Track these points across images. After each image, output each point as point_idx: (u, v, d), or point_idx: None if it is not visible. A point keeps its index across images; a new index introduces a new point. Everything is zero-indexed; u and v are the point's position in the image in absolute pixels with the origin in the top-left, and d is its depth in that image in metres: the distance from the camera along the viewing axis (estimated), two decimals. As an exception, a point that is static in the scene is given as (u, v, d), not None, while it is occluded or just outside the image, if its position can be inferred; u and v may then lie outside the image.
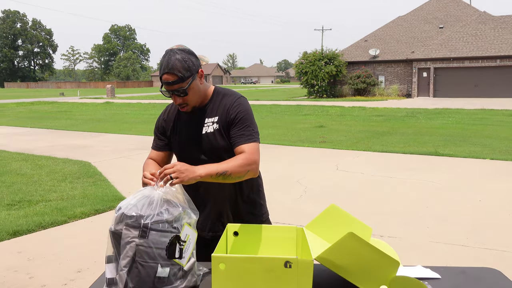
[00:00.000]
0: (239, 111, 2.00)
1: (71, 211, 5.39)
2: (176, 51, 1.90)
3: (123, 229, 1.60)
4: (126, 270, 1.58)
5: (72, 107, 26.37)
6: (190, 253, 1.70)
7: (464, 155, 8.94)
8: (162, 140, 2.14)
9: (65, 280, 3.61)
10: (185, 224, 1.69)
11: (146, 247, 1.59)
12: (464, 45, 31.62)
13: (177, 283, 1.65)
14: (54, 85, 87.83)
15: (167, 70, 1.87)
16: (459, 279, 1.81)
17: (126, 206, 1.65)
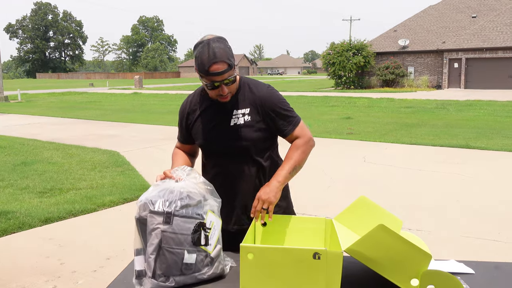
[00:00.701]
0: (275, 103, 1.99)
1: (100, 199, 5.49)
2: (214, 40, 1.83)
3: (148, 216, 1.61)
4: (153, 257, 1.59)
5: (101, 98, 26.83)
6: (216, 240, 1.70)
7: (496, 148, 8.70)
8: (187, 132, 2.11)
9: (95, 267, 3.69)
10: (208, 211, 1.69)
11: (171, 233, 1.60)
12: (498, 34, 30.66)
13: (204, 269, 1.66)
14: (84, 76, 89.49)
15: (215, 60, 1.79)
16: (493, 274, 1.76)
17: (148, 195, 1.66)
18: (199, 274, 1.65)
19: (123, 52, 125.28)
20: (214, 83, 1.84)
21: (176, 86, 44.67)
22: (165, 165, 7.55)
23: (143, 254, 1.65)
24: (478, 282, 1.69)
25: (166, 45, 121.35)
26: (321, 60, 36.05)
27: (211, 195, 1.75)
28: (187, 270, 1.63)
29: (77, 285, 3.39)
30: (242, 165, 2.00)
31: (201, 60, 1.81)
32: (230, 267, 1.78)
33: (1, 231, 4.44)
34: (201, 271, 1.65)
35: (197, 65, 1.85)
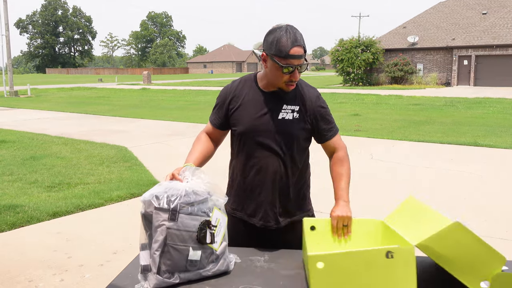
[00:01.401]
0: (324, 107, 2.04)
1: (107, 194, 5.53)
2: (292, 26, 1.88)
3: (153, 213, 1.62)
4: (158, 254, 1.60)
5: (110, 93, 26.95)
6: (222, 237, 1.71)
7: (505, 146, 8.63)
8: (226, 116, 2.07)
9: (102, 261, 3.72)
10: (214, 208, 1.70)
11: (176, 230, 1.60)
12: (508, 31, 30.34)
13: (209, 266, 1.67)
14: (93, 71, 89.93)
15: (297, 43, 1.83)
16: (497, 273, 1.75)
17: (153, 191, 1.67)
18: (204, 270, 1.66)
19: (132, 48, 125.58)
20: (291, 66, 1.85)
21: (185, 82, 44.74)
22: (173, 161, 7.59)
23: (148, 249, 1.66)
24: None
25: (174, 41, 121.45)
26: (329, 57, 35.93)
27: (217, 193, 1.75)
28: (191, 267, 1.64)
29: (84, 278, 3.42)
30: (279, 161, 1.99)
31: (281, 43, 1.83)
32: (234, 263, 1.79)
33: (10, 225, 4.49)
34: (206, 267, 1.67)
35: (273, 49, 1.85)
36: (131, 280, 1.70)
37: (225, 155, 2.39)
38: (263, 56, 1.91)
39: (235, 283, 1.65)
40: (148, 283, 1.61)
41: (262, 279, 1.68)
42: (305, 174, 2.13)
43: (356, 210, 5.05)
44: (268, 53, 1.87)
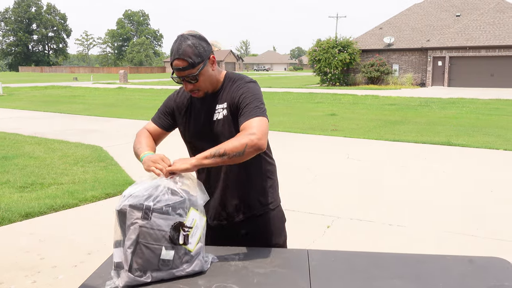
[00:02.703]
0: (244, 95, 1.90)
1: (82, 194, 5.45)
2: (187, 36, 1.87)
3: (127, 211, 1.62)
4: (130, 251, 1.60)
5: (85, 92, 26.54)
6: (198, 238, 1.70)
7: (477, 145, 8.84)
8: (167, 119, 2.13)
9: (75, 262, 3.66)
10: (191, 209, 1.68)
11: (149, 228, 1.60)
12: (481, 34, 31.06)
13: (183, 266, 1.66)
14: (68, 70, 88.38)
15: (177, 56, 1.85)
16: (467, 268, 1.79)
17: (132, 189, 1.67)
18: (177, 270, 1.65)
19: (108, 46, 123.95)
20: (179, 77, 1.91)
21: (162, 81, 44.38)
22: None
23: (121, 247, 1.65)
24: (451, 275, 1.72)
25: (151, 40, 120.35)
26: (307, 57, 36.15)
27: (198, 192, 1.74)
28: (164, 266, 1.63)
29: (57, 280, 3.36)
30: None
31: (171, 53, 1.89)
32: (211, 262, 1.78)
33: (-20, 226, 4.38)
34: (179, 267, 1.66)
35: None
36: (104, 280, 1.68)
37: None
38: None
39: (209, 281, 1.65)
40: (120, 280, 1.60)
41: (237, 278, 1.68)
42: (259, 168, 2.05)
43: (331, 209, 5.11)
44: None
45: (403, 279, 1.69)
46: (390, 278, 1.69)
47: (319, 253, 1.94)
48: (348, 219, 4.71)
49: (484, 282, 1.66)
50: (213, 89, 1.99)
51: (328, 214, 4.78)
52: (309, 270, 1.75)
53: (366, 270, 1.76)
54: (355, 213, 4.87)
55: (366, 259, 1.90)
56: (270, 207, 2.10)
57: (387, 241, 4.14)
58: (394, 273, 1.74)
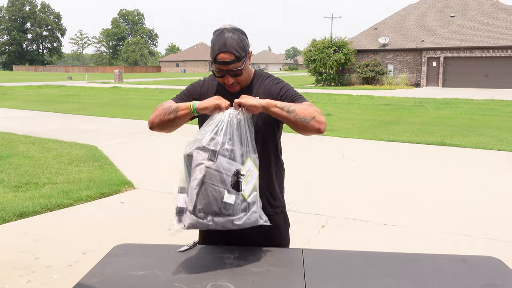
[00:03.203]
0: (283, 87, 1.98)
1: (77, 194, 5.44)
2: (230, 30, 1.87)
3: (194, 152, 1.70)
4: (196, 191, 1.66)
5: (79, 91, 26.45)
6: (252, 187, 1.75)
7: (471, 145, 8.89)
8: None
9: (70, 262, 3.66)
10: (248, 158, 1.76)
11: (214, 170, 1.67)
12: (475, 34, 31.22)
13: (240, 214, 1.72)
14: (62, 69, 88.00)
15: (224, 49, 1.83)
16: (460, 267, 1.81)
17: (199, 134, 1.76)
18: (235, 218, 1.71)
19: (102, 46, 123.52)
20: (221, 71, 1.88)
21: (157, 80, 44.29)
22: (143, 160, 7.52)
23: (185, 193, 1.72)
24: (445, 274, 1.74)
25: (146, 39, 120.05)
26: (302, 57, 36.19)
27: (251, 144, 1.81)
28: (225, 210, 1.69)
29: (51, 280, 3.36)
30: None
31: (212, 47, 1.87)
32: (263, 221, 1.81)
33: (-26, 226, 4.36)
34: (236, 215, 1.71)
35: (210, 52, 1.90)
36: (99, 279, 1.69)
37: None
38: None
39: (204, 280, 1.66)
40: (182, 223, 1.68)
41: (232, 276, 1.69)
42: (271, 171, 2.07)
43: (326, 209, 5.12)
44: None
45: (397, 278, 1.70)
46: (384, 277, 1.71)
47: (314, 253, 1.96)
48: (343, 218, 4.72)
49: (477, 281, 1.68)
50: (245, 83, 2.01)
51: (323, 213, 4.79)
52: (304, 269, 1.76)
53: (360, 269, 1.77)
54: (350, 213, 4.89)
55: (361, 258, 1.91)
56: (277, 210, 2.11)
57: (381, 241, 4.16)
58: (388, 272, 1.75)
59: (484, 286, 1.64)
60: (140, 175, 6.45)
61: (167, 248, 1.99)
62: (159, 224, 4.54)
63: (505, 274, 1.74)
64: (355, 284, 1.65)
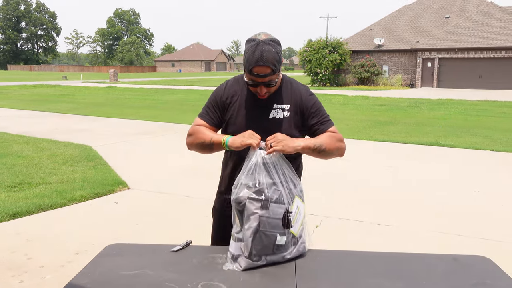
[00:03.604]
0: (315, 103, 2.06)
1: (70, 194, 5.42)
2: (268, 42, 1.87)
3: (247, 202, 1.78)
4: (251, 239, 1.76)
5: (74, 91, 26.36)
6: (301, 223, 1.86)
7: (465, 146, 8.93)
8: (216, 113, 2.09)
9: (63, 262, 3.65)
10: (296, 197, 1.85)
11: (267, 217, 1.77)
12: (469, 35, 31.36)
13: (290, 249, 1.83)
14: (57, 69, 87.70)
15: (261, 63, 1.84)
16: (451, 266, 1.82)
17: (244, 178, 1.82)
18: (287, 253, 1.81)
19: (98, 45, 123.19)
20: (255, 83, 1.91)
21: (152, 80, 44.22)
22: (138, 160, 7.51)
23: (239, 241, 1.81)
24: (436, 273, 1.75)
25: (142, 39, 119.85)
26: (298, 57, 36.23)
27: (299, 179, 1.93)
28: (277, 250, 1.79)
29: (44, 280, 3.35)
30: None
31: (248, 58, 1.86)
32: (304, 247, 1.92)
33: (-33, 226, 4.34)
34: (287, 250, 1.82)
35: (244, 60, 1.90)
36: (90, 278, 1.69)
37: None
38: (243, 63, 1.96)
39: (196, 279, 1.66)
40: (238, 264, 1.77)
41: (223, 276, 1.70)
42: (299, 173, 2.17)
43: (320, 209, 5.13)
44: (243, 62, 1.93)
45: (389, 277, 1.71)
46: (376, 276, 1.72)
47: (306, 252, 1.96)
48: (337, 218, 4.73)
49: (467, 280, 1.69)
50: (275, 90, 2.04)
51: (317, 213, 4.80)
52: (295, 268, 1.77)
53: (352, 269, 1.78)
54: (344, 213, 4.90)
55: (353, 258, 1.92)
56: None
57: (375, 240, 4.17)
58: (380, 272, 1.76)
59: (474, 285, 1.65)
60: (135, 175, 6.44)
61: (160, 248, 1.99)
62: (153, 224, 4.54)
63: (495, 273, 1.76)
64: (345, 284, 1.66)
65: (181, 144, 10.07)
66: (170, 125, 11.96)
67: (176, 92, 25.49)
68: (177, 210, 5.05)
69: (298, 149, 1.88)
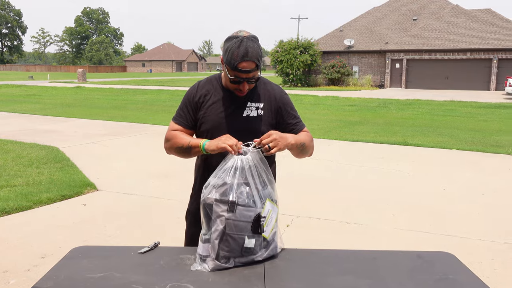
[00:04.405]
0: (290, 102, 2.15)
1: (36, 196, 5.28)
2: (251, 38, 1.91)
3: (214, 205, 1.77)
4: (218, 241, 1.75)
5: (41, 91, 25.73)
6: (273, 226, 1.85)
7: (431, 145, 9.14)
8: (193, 116, 2.10)
9: (28, 266, 3.55)
10: (267, 200, 1.83)
11: (234, 220, 1.75)
12: (436, 37, 32.14)
13: (260, 252, 1.81)
14: (23, 68, 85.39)
15: (247, 58, 1.87)
16: (415, 263, 1.86)
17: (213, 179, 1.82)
18: (256, 256, 1.80)
19: (65, 44, 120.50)
20: (239, 79, 1.92)
21: (122, 80, 43.56)
22: (108, 161, 7.39)
23: (204, 242, 1.80)
24: (400, 270, 1.79)
25: (112, 38, 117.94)
26: (269, 58, 36.34)
27: (272, 183, 1.90)
28: (246, 253, 1.78)
29: (8, 285, 3.25)
30: None
31: (232, 54, 1.88)
32: (279, 248, 1.92)
33: None
34: (257, 253, 1.80)
35: (226, 58, 1.91)
36: (54, 282, 1.65)
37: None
38: (221, 60, 1.98)
39: (164, 281, 1.64)
40: (206, 265, 1.76)
41: (191, 277, 1.69)
42: (273, 170, 2.18)
43: (291, 208, 5.15)
44: (223, 59, 1.95)
45: (356, 275, 1.73)
46: (343, 274, 1.74)
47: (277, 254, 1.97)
48: (307, 218, 4.77)
49: (431, 275, 1.73)
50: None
51: (288, 213, 4.83)
52: (264, 268, 1.77)
53: (320, 267, 1.80)
54: (314, 212, 4.94)
55: (321, 256, 1.94)
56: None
57: (344, 239, 4.22)
58: (347, 269, 1.78)
59: (438, 280, 1.69)
60: (104, 177, 6.33)
61: (127, 250, 1.97)
62: (122, 227, 4.47)
63: (458, 269, 1.80)
64: (314, 282, 1.67)
65: (152, 144, 9.94)
66: (140, 125, 11.81)
67: (147, 92, 25.20)
68: (146, 212, 4.99)
69: (289, 146, 1.94)
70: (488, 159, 7.93)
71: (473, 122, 13.01)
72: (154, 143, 8.79)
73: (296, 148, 2.00)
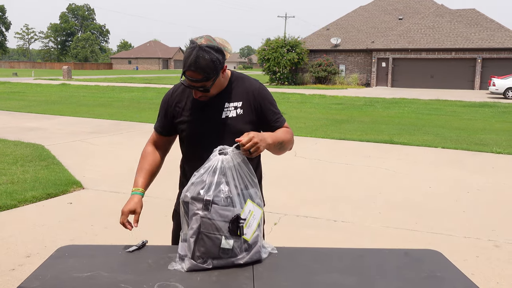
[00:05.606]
0: (267, 98, 2.07)
1: (21, 195, 5.22)
2: (205, 48, 1.82)
3: (190, 202, 1.75)
4: (193, 240, 1.73)
5: (25, 88, 25.38)
6: (255, 228, 1.79)
7: (417, 143, 9.23)
8: (171, 122, 2.08)
9: (13, 265, 3.51)
10: (248, 201, 1.78)
11: (209, 219, 1.72)
12: (422, 36, 32.43)
13: (241, 255, 1.76)
14: (7, 65, 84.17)
15: (193, 68, 1.81)
16: (402, 260, 1.88)
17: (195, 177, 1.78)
18: (236, 259, 1.75)
19: (50, 41, 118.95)
20: (188, 85, 1.90)
21: (108, 78, 43.18)
22: (93, 159, 7.33)
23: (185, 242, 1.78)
24: (387, 268, 1.80)
25: (97, 35, 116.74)
26: (256, 56, 36.34)
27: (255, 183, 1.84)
28: (224, 255, 1.73)
29: (-7, 285, 3.21)
30: None
31: (184, 60, 1.86)
32: (269, 253, 1.86)
33: None
34: (238, 256, 1.75)
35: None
36: (41, 282, 1.63)
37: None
38: None
39: (152, 280, 1.64)
40: (183, 264, 1.73)
41: (180, 276, 1.68)
42: (257, 169, 2.16)
43: (279, 206, 5.16)
44: None
45: (343, 273, 1.74)
46: (330, 272, 1.75)
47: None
48: (294, 216, 4.79)
49: (418, 273, 1.75)
50: (219, 90, 2.00)
51: (276, 211, 4.84)
52: (253, 266, 1.77)
53: (307, 265, 1.80)
54: (301, 210, 4.96)
55: (308, 254, 1.95)
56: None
57: (332, 237, 4.24)
58: (334, 267, 1.79)
59: (425, 278, 1.71)
60: (90, 175, 6.27)
61: (115, 249, 1.95)
62: (109, 225, 4.44)
63: (444, 266, 1.83)
64: (301, 280, 1.68)
65: (138, 142, 9.87)
66: (126, 123, 11.72)
67: (133, 90, 25.01)
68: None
69: (267, 147, 1.88)
70: (473, 157, 8.03)
71: (458, 121, 13.16)
72: (141, 141, 8.73)
73: (273, 147, 1.94)
